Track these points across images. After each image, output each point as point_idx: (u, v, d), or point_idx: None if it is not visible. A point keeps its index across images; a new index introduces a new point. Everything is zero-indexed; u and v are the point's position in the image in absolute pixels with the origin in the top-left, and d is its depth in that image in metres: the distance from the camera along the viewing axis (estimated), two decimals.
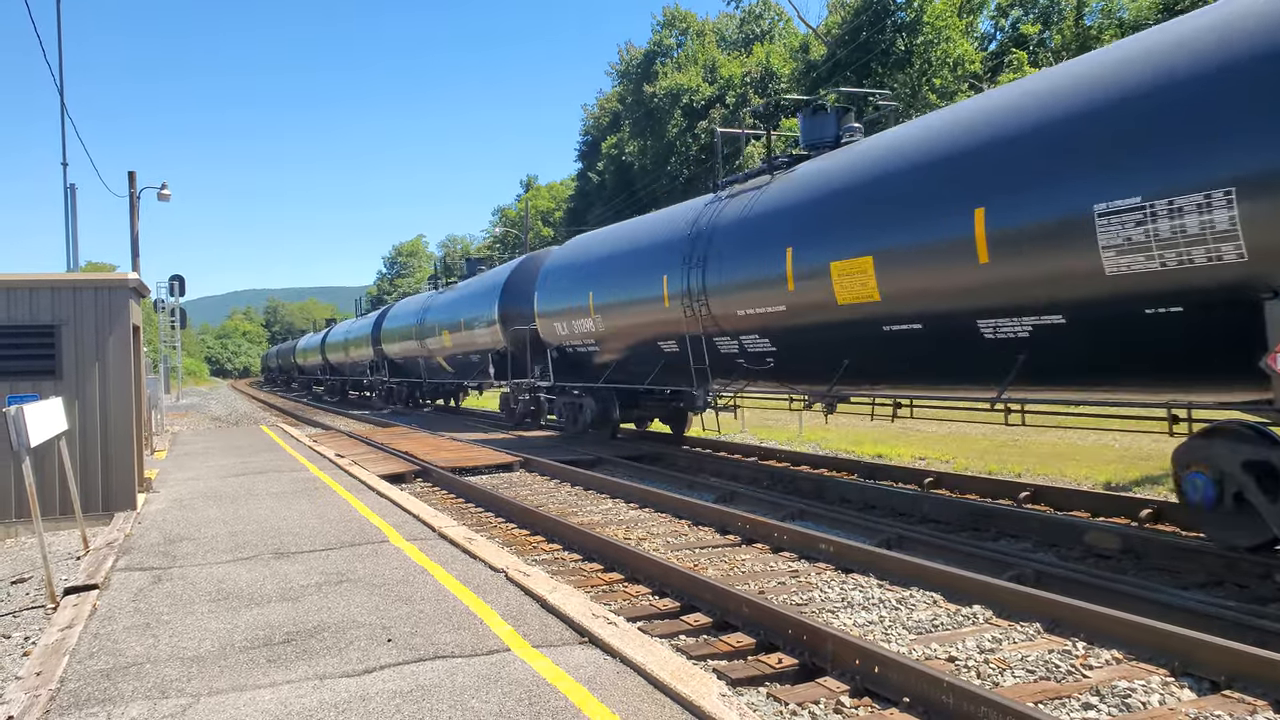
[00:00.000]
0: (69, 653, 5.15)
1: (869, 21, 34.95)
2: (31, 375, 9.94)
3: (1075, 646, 5.34)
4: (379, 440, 18.66)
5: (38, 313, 10.01)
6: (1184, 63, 6.77)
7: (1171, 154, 6.70)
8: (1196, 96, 6.58)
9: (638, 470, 13.79)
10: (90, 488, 9.94)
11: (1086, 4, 33.10)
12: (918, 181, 9.06)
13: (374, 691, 4.40)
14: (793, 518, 9.65)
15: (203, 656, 5.01)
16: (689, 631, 6.04)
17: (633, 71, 51.73)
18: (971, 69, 32.96)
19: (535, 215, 66.65)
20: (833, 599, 6.62)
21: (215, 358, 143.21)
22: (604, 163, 55.84)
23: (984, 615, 6.01)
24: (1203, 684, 4.76)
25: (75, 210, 22.41)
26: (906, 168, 9.31)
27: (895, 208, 9.30)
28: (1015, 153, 7.96)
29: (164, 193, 30.06)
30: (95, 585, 6.65)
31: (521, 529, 9.74)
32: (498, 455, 15.13)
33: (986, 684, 4.88)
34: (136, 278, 10.98)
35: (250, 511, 9.68)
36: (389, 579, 6.55)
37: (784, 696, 4.81)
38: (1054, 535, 8.35)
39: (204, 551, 7.76)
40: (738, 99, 43.47)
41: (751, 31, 50.86)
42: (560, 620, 5.41)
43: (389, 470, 13.63)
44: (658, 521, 9.87)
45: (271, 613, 5.81)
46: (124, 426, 10.25)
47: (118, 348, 10.25)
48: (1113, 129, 7.12)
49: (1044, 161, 7.62)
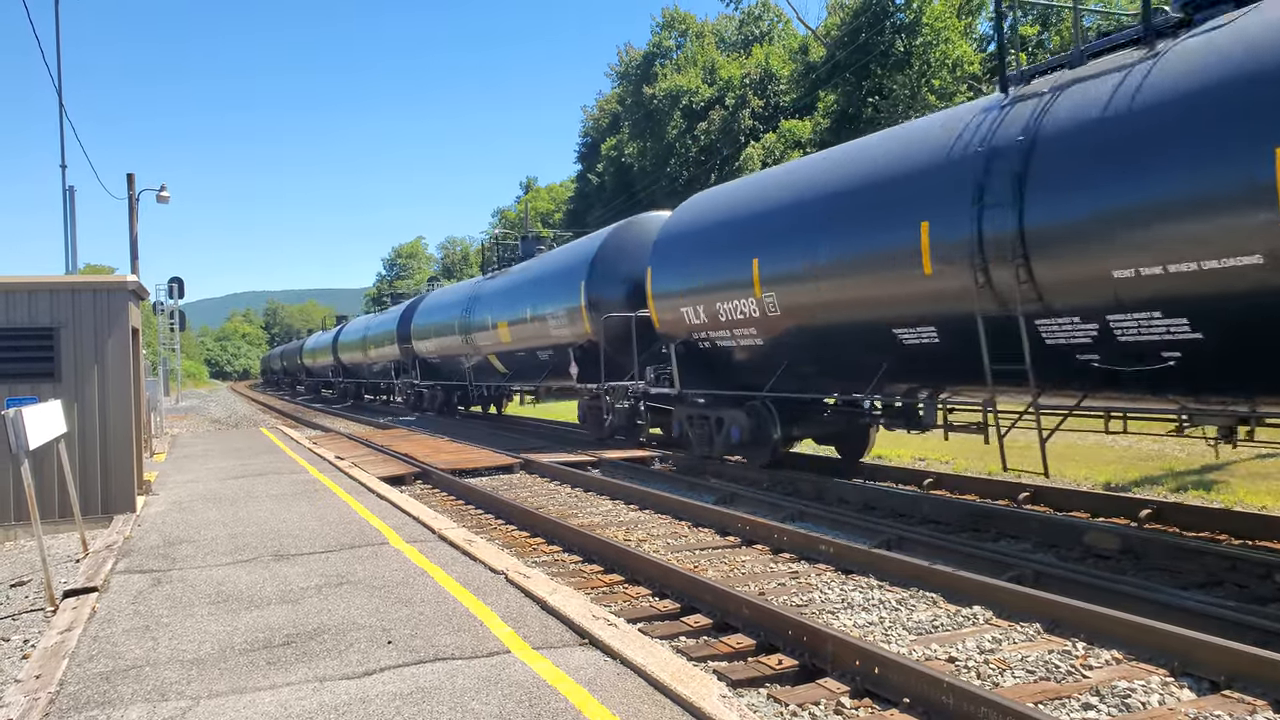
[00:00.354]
0: (68, 655, 5.14)
1: (868, 23, 34.96)
2: (30, 378, 9.94)
3: (1075, 647, 5.34)
4: (379, 443, 18.65)
5: (36, 315, 10.00)
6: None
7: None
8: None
9: (636, 472, 13.79)
10: (89, 490, 9.94)
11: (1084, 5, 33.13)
12: None
13: (374, 694, 4.39)
14: (792, 519, 9.65)
15: (202, 659, 5.00)
16: (689, 633, 6.03)
17: (632, 73, 51.74)
18: (970, 70, 32.98)
19: (535, 217, 66.69)
20: (833, 600, 6.62)
21: (215, 360, 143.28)
22: (603, 164, 55.84)
23: (984, 616, 6.01)
24: (1202, 684, 4.76)
25: (74, 212, 22.41)
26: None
27: None
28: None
29: (163, 195, 30.06)
30: (94, 588, 6.65)
31: (521, 531, 9.74)
32: (497, 457, 15.13)
33: (986, 684, 4.88)
34: (135, 280, 10.98)
35: (250, 514, 9.68)
36: (389, 581, 6.55)
37: (784, 697, 4.81)
38: (1053, 536, 8.35)
39: (203, 554, 7.76)
40: (737, 100, 43.49)
41: (751, 33, 50.87)
42: (560, 622, 5.40)
43: (389, 472, 13.63)
44: (658, 523, 9.87)
45: (271, 615, 5.81)
46: (123, 429, 10.25)
47: (117, 350, 10.25)
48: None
49: None
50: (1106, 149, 7.24)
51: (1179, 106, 6.82)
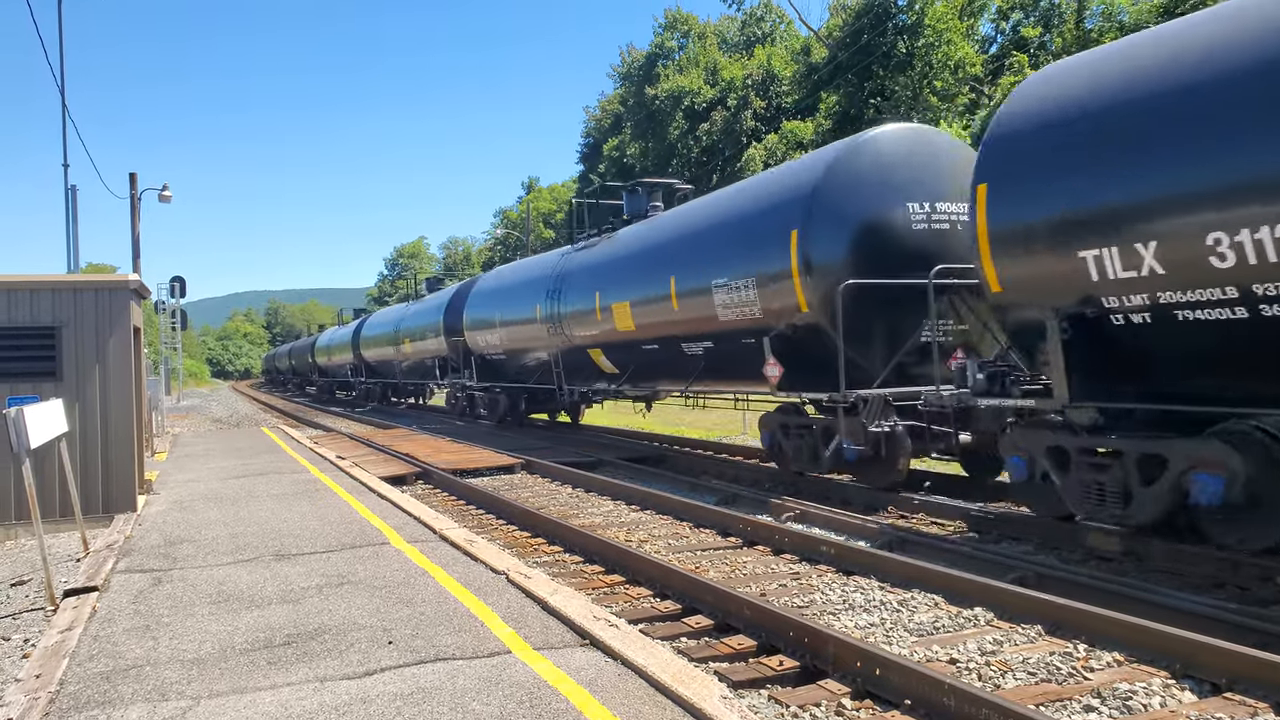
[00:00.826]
0: (68, 655, 5.14)
1: (870, 24, 34.95)
2: (32, 377, 9.94)
3: (1076, 648, 5.33)
4: (380, 442, 18.65)
5: (38, 314, 10.00)
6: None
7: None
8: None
9: (639, 473, 13.78)
10: (90, 490, 9.94)
11: (1087, 7, 33.12)
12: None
13: (375, 694, 4.39)
14: (794, 520, 9.63)
15: (203, 659, 5.00)
16: (690, 634, 6.03)
17: (634, 74, 51.77)
18: (973, 71, 32.97)
19: (537, 217, 66.69)
20: (834, 601, 6.62)
21: (216, 359, 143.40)
22: (605, 165, 55.85)
23: (985, 617, 6.00)
24: (1204, 686, 4.75)
25: (76, 212, 22.45)
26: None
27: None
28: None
29: (165, 194, 30.09)
30: (95, 587, 6.65)
31: (523, 531, 9.74)
32: (498, 457, 15.12)
33: (988, 686, 4.87)
34: (137, 279, 10.98)
35: (251, 513, 9.68)
36: (390, 581, 6.54)
37: (785, 699, 4.81)
38: (1055, 537, 8.33)
39: (204, 553, 7.76)
40: (739, 101, 43.50)
41: (753, 34, 50.88)
42: (561, 623, 5.40)
43: (390, 472, 13.63)
44: (659, 524, 9.86)
45: (272, 615, 5.80)
46: (124, 428, 10.25)
47: (118, 349, 10.25)
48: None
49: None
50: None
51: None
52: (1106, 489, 7.41)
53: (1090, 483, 7.57)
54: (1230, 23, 6.45)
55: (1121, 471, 7.30)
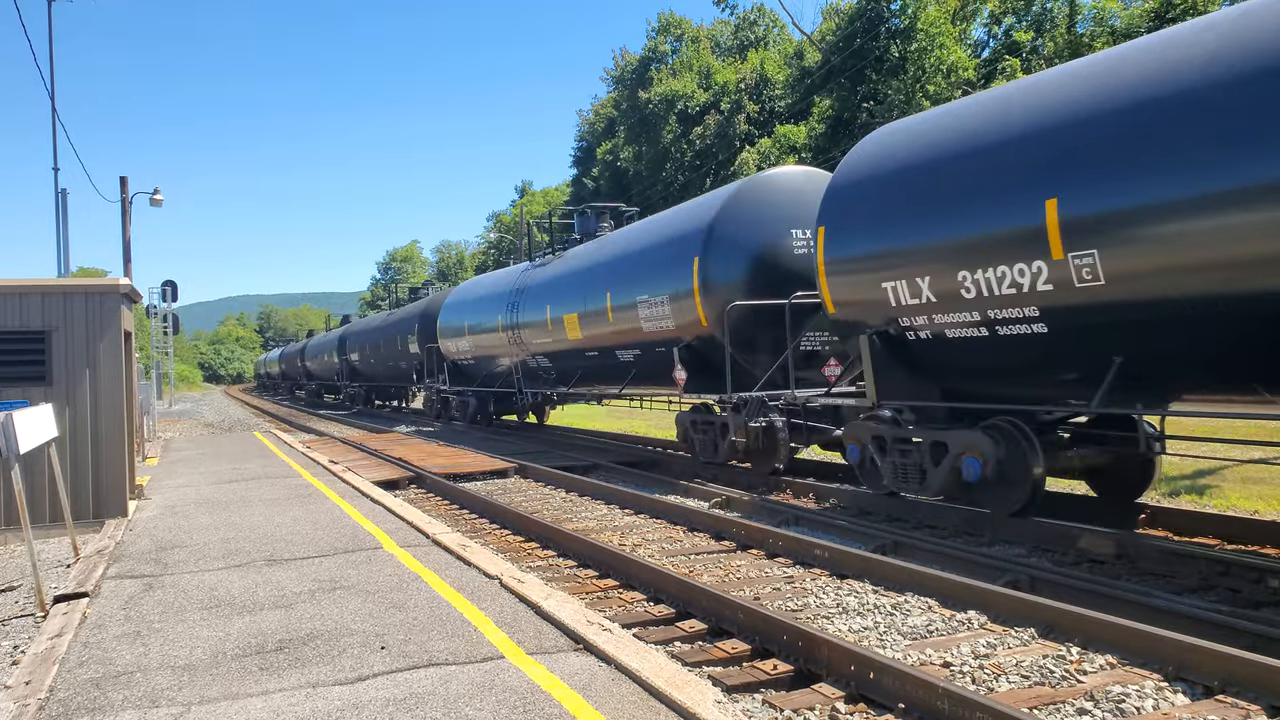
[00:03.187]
0: (58, 661, 5.11)
1: (863, 28, 35.05)
2: (21, 381, 9.88)
3: (1070, 651, 5.33)
4: (373, 447, 18.60)
5: (28, 318, 9.95)
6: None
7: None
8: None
9: (633, 476, 13.77)
10: (81, 495, 9.88)
11: (1079, 12, 33.27)
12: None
13: (367, 699, 4.37)
14: (787, 523, 9.64)
15: (194, 665, 4.97)
16: (684, 638, 6.02)
17: (628, 77, 51.82)
18: (965, 75, 33.06)
19: (531, 221, 66.65)
20: (828, 605, 6.61)
21: (208, 363, 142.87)
22: (599, 168, 55.92)
23: (979, 620, 6.00)
24: (1196, 689, 4.76)
25: (66, 215, 22.35)
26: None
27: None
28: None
29: (156, 198, 29.99)
30: (85, 593, 6.61)
31: (516, 535, 9.72)
32: (491, 461, 15.09)
33: (981, 689, 4.87)
34: (128, 283, 10.94)
35: (243, 518, 9.64)
36: (382, 586, 6.52)
37: (779, 703, 4.80)
38: (1048, 540, 8.35)
39: (196, 559, 7.72)
40: (732, 105, 43.57)
41: (746, 38, 51.00)
42: (555, 627, 5.38)
43: (383, 477, 13.59)
44: (653, 528, 9.85)
45: (264, 620, 5.77)
46: (115, 433, 10.20)
47: (109, 353, 10.20)
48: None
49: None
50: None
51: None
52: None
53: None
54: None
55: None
